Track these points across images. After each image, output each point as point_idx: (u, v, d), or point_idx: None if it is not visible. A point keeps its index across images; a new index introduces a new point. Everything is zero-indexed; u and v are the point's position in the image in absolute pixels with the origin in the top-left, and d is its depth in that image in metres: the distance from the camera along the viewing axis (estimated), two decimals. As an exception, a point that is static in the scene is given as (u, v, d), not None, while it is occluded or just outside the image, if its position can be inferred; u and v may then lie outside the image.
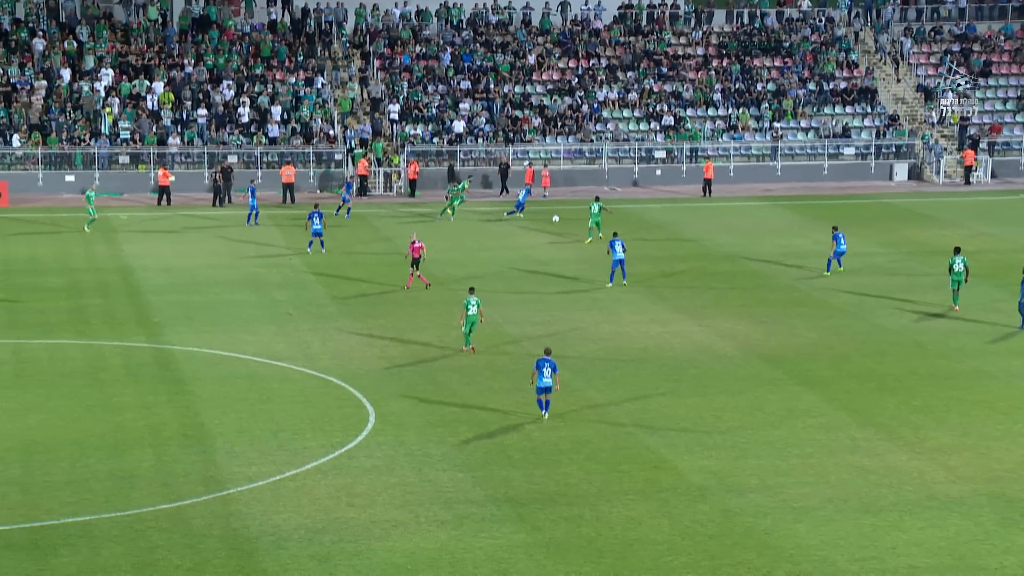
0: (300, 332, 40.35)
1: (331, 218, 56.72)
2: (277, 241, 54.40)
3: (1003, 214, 60.22)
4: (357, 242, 54.42)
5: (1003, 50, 77.39)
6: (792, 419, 32.35)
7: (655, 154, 69.78)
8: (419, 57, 73.88)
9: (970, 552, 24.85)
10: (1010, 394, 34.18)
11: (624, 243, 46.32)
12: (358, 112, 70.76)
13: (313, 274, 48.23)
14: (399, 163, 67.22)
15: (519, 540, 25.48)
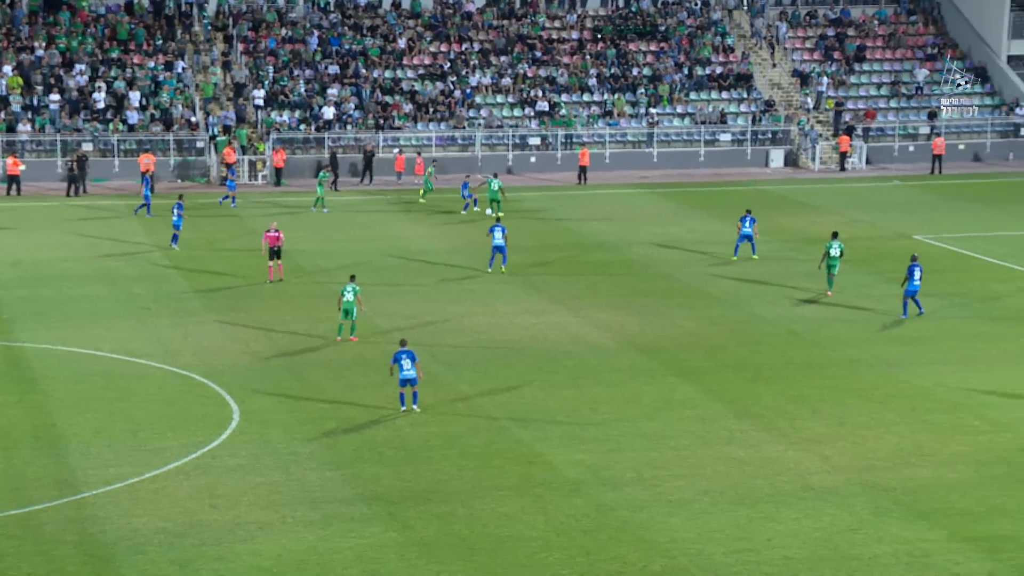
0: (159, 327, 39.79)
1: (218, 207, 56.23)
2: (136, 233, 53.53)
3: (877, 200, 61.55)
4: (221, 233, 53.77)
5: (877, 35, 79.04)
6: (668, 411, 32.73)
7: (529, 141, 70.03)
8: (285, 41, 73.18)
9: (844, 542, 25.39)
10: (884, 382, 34.96)
11: (506, 229, 46.55)
12: (221, 98, 69.89)
13: (174, 267, 47.57)
14: (264, 151, 66.54)
15: (389, 539, 25.44)
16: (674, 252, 50.51)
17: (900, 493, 27.67)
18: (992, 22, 77.58)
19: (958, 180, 67.50)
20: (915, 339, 38.87)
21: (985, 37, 77.77)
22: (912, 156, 72.22)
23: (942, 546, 25.24)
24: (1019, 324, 40.44)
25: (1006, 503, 27.18)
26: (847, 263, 44.84)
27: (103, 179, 64.42)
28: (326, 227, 54.83)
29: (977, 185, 66.17)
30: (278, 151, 65.35)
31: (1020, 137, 74.25)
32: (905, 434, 31.14)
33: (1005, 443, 30.61)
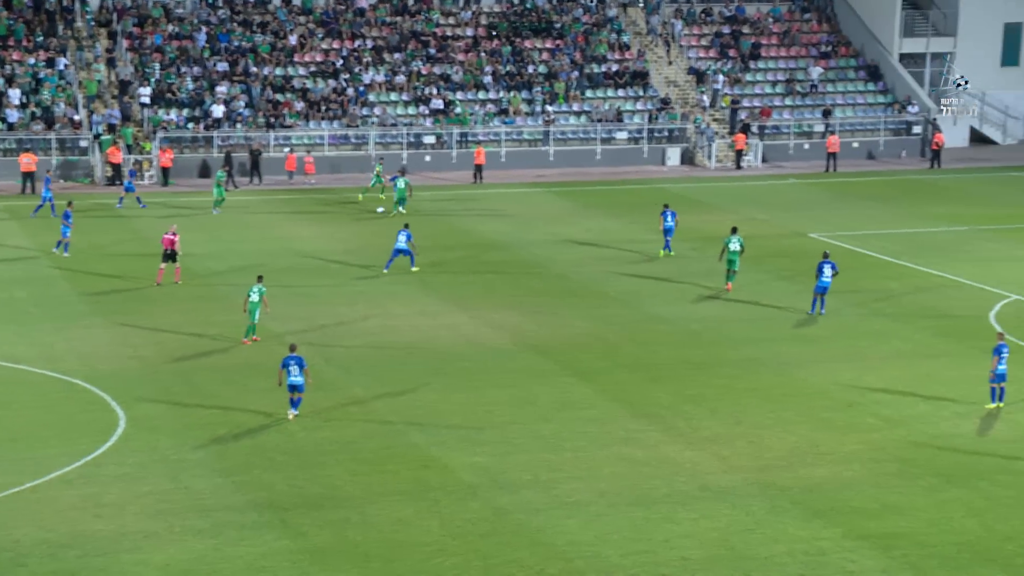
0: (42, 332, 39.14)
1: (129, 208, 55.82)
2: (16, 235, 52.59)
3: (773, 198, 62.36)
4: (106, 236, 53.01)
5: (772, 32, 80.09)
6: (564, 412, 32.87)
7: (424, 139, 69.94)
8: (171, 37, 72.35)
9: (741, 542, 25.68)
10: (781, 381, 35.42)
11: (411, 234, 46.43)
12: (105, 96, 68.91)
13: (59, 270, 46.82)
14: (151, 150, 65.72)
15: (282, 547, 25.27)
16: (570, 251, 50.73)
17: (796, 492, 28.06)
18: (884, 20, 79.00)
19: (852, 178, 68.62)
20: (811, 338, 39.44)
21: (877, 35, 79.18)
22: (807, 154, 73.29)
23: (837, 544, 25.64)
24: (912, 322, 41.21)
25: (899, 500, 27.68)
26: (745, 261, 45.31)
27: None
28: (216, 228, 54.31)
29: (871, 183, 67.31)
30: (165, 150, 64.56)
31: (913, 135, 75.67)
32: (801, 433, 31.59)
33: (898, 440, 31.18)
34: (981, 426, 32.26)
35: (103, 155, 64.64)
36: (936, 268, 47.65)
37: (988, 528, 26.39)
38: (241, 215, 57.30)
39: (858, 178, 68.59)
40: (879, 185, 66.61)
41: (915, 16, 79.53)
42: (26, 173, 61.43)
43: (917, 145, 75.36)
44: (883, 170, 71.41)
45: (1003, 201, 62.35)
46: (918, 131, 75.60)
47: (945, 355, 37.88)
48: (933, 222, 57.10)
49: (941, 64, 79.78)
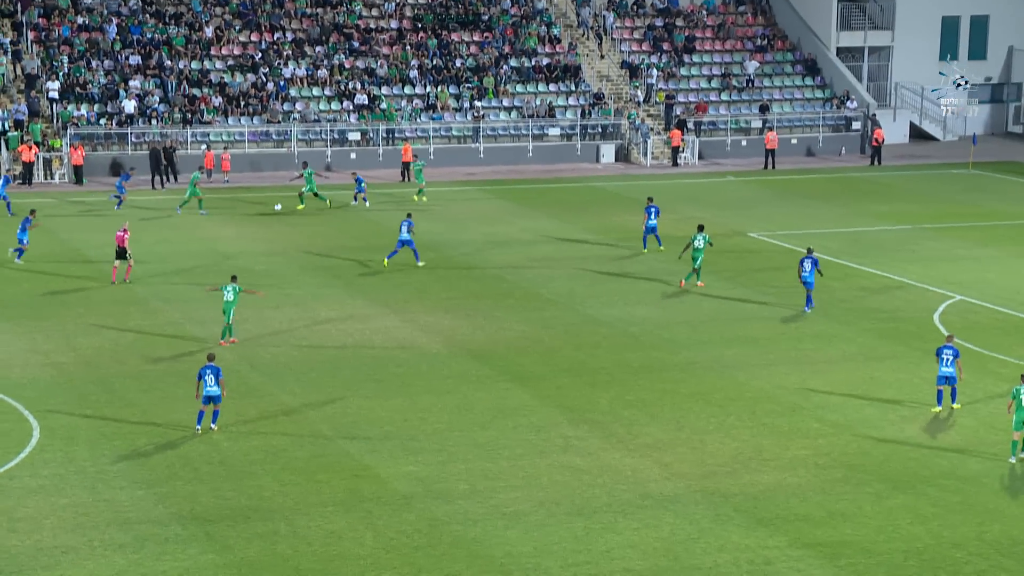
0: (-50, 339, 38.64)
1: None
2: (-80, 236, 51.89)
3: (711, 197, 62.82)
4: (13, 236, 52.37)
5: (706, 25, 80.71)
6: (502, 418, 32.94)
7: (349, 136, 69.79)
8: (80, 29, 71.68)
9: (684, 551, 25.87)
10: (723, 385, 35.70)
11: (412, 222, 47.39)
12: (11, 90, 68.12)
13: (-36, 273, 46.27)
14: (61, 147, 65.06)
15: (208, 561, 25.14)
16: (505, 252, 50.83)
17: (741, 499, 28.29)
18: (821, 13, 79.89)
19: (792, 175, 69.31)
20: (753, 340, 39.77)
21: (814, 28, 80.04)
22: (745, 151, 73.96)
23: (783, 553, 25.88)
24: (857, 323, 41.68)
25: (846, 507, 27.99)
26: (684, 261, 45.56)
27: None
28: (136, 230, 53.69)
29: (811, 180, 68.02)
30: (77, 147, 63.95)
31: (852, 131, 76.56)
32: (745, 438, 31.85)
33: (844, 445, 31.52)
34: (927, 430, 32.68)
35: (11, 153, 63.85)
36: (879, 268, 48.23)
37: (936, 535, 26.76)
38: (159, 215, 56.85)
39: (798, 175, 69.29)
40: (819, 183, 67.34)
41: (852, 9, 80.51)
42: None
43: (857, 141, 76.26)
44: (823, 167, 72.20)
45: (945, 199, 63.23)
46: (858, 127, 76.48)
47: (891, 357, 38.34)
48: (875, 221, 57.81)
49: (879, 58, 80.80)
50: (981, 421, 33.25)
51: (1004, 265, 49.72)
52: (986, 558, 25.79)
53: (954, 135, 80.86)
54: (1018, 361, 37.83)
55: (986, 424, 33.00)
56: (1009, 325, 41.73)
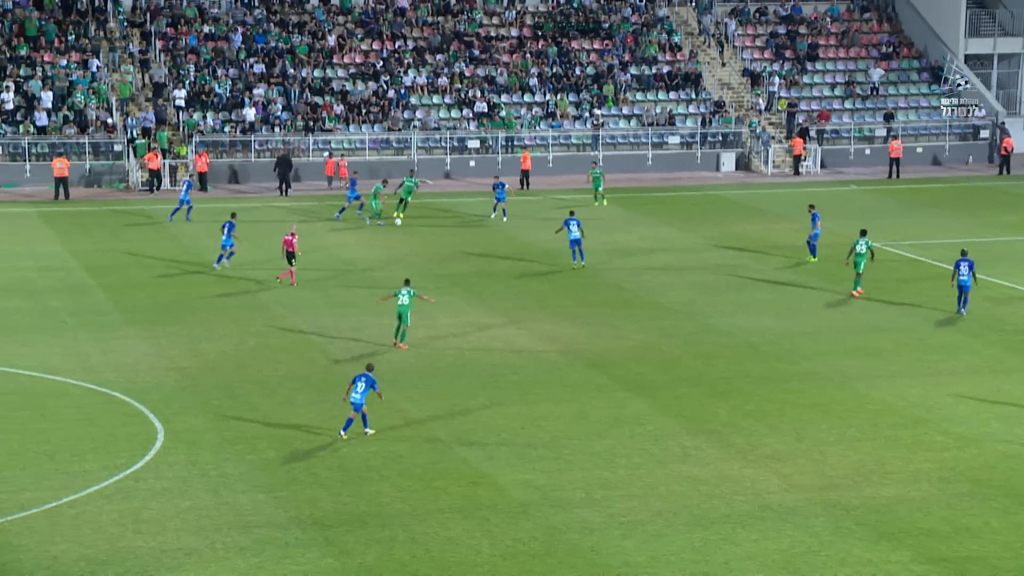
0: (79, 343, 39.49)
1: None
2: (52, 242, 53.11)
3: (834, 206, 62.10)
4: (144, 243, 53.45)
5: (829, 33, 79.95)
6: (619, 427, 32.89)
7: (468, 143, 70.18)
8: (207, 38, 72.93)
9: (804, 564, 25.62)
10: (844, 396, 35.32)
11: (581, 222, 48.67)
12: (139, 98, 69.51)
13: (94, 279, 47.23)
14: (187, 154, 66.23)
15: (327, 566, 25.39)
16: (624, 260, 50.76)
17: (862, 512, 27.96)
18: (949, 20, 78.71)
19: (917, 184, 68.37)
20: (876, 351, 39.30)
21: (941, 35, 78.87)
22: (868, 159, 73.10)
23: (906, 568, 25.53)
24: (983, 335, 41.01)
25: (971, 523, 27.53)
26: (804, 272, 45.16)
27: (13, 184, 63.80)
28: (259, 237, 54.59)
29: (937, 190, 67.04)
30: (201, 155, 65.05)
31: (980, 140, 75.31)
32: (867, 450, 31.48)
33: (969, 459, 31.01)
34: (1056, 445, 32.07)
35: (138, 160, 65.15)
36: (1007, 279, 47.38)
37: (1065, 552, 26.26)
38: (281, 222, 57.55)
39: (923, 185, 68.33)
40: (945, 192, 66.34)
41: (981, 15, 79.22)
42: (59, 178, 62.02)
43: (985, 150, 75.00)
44: (949, 176, 71.10)
45: (1076, 209, 62.00)
46: (986, 136, 75.23)
47: (1018, 370, 37.66)
48: (1003, 231, 56.82)
49: (1010, 66, 79.43)
50: (1112, 436, 32.56)
51: None
52: (1117, 577, 25.25)
53: (1086, 144, 79.16)
54: None
55: (1117, 440, 32.30)
56: None
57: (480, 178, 68.10)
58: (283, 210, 60.24)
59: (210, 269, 48.49)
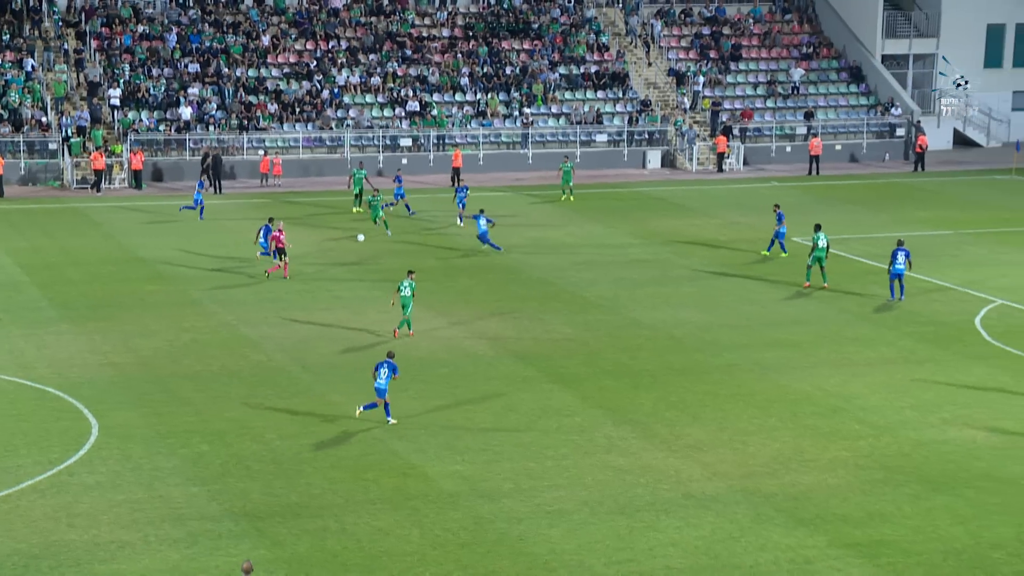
0: (12, 339, 39.05)
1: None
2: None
3: (756, 202, 62.55)
4: (77, 240, 52.91)
5: (752, 34, 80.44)
6: (546, 419, 32.96)
7: (400, 142, 70.02)
8: (141, 37, 72.28)
9: (725, 551, 25.81)
10: (764, 387, 35.59)
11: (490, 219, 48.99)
12: (74, 97, 68.79)
13: (27, 276, 46.71)
14: (122, 153, 65.62)
15: (259, 557, 25.26)
16: (551, 256, 50.84)
17: (781, 499, 28.20)
18: (866, 21, 79.44)
19: (836, 181, 68.96)
20: (794, 343, 39.62)
21: (859, 36, 79.60)
22: (789, 157, 73.65)
23: (823, 552, 25.78)
24: (898, 327, 41.45)
25: (885, 508, 27.85)
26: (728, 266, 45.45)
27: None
28: (190, 234, 54.24)
29: (854, 186, 67.66)
30: (136, 153, 64.48)
31: (896, 137, 76.07)
32: (786, 439, 31.74)
33: (884, 447, 31.35)
34: (966, 433, 32.44)
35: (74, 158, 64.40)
36: (921, 273, 47.88)
37: (974, 536, 26.58)
38: (214, 220, 57.22)
39: (841, 181, 68.94)
40: (863, 188, 66.96)
41: (897, 17, 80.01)
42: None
43: (901, 148, 75.79)
44: (866, 173, 71.78)
45: (987, 204, 62.74)
46: (901, 133, 76.02)
47: (931, 361, 38.11)
48: (917, 226, 57.43)
49: (924, 66, 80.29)
50: (1020, 424, 33.00)
51: (1046, 270, 49.31)
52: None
53: (997, 141, 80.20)
54: (1058, 365, 37.54)
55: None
56: (1050, 329, 41.39)
57: (413, 175, 67.95)
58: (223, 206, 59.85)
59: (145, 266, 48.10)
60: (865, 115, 76.58)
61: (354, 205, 58.56)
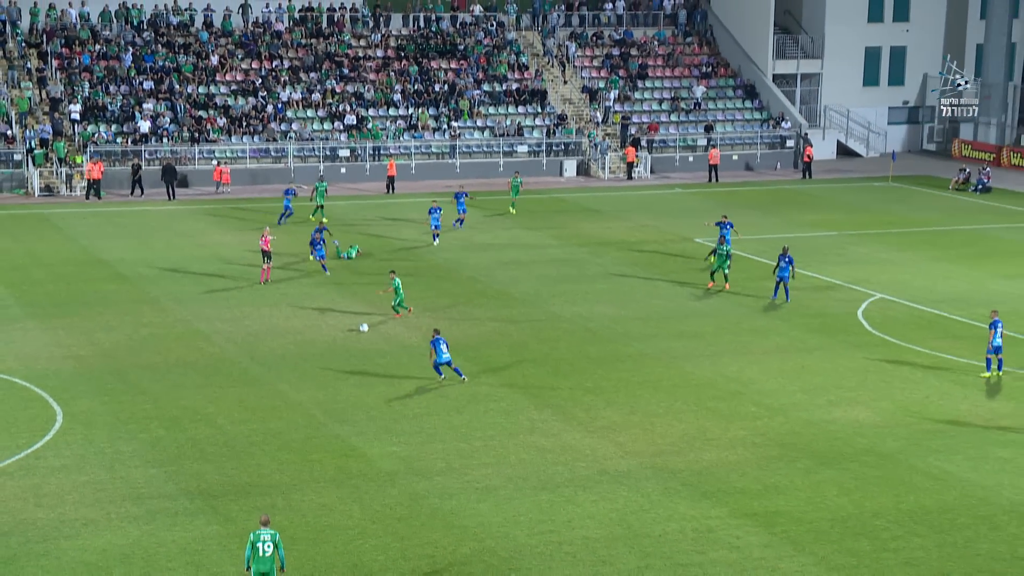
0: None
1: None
2: (-45, 242, 51.64)
3: (661, 206, 62.96)
4: (40, 243, 52.17)
5: (657, 54, 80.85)
6: (475, 404, 32.98)
7: (339, 152, 69.66)
8: (99, 57, 71.35)
9: (637, 521, 25.97)
10: (672, 374, 35.81)
11: None
12: (37, 112, 67.78)
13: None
14: (82, 163, 64.76)
15: (212, 532, 25.12)
16: (479, 256, 50.84)
17: (687, 475, 28.41)
18: (759, 44, 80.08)
19: (733, 187, 69.48)
20: (698, 334, 39.90)
21: (753, 57, 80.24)
22: (691, 166, 74.09)
23: (724, 522, 26.02)
24: (790, 319, 41.85)
25: (779, 481, 28.14)
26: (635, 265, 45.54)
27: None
28: (148, 236, 53.65)
29: (750, 192, 68.21)
30: (96, 163, 63.65)
31: (786, 148, 76.81)
32: (691, 421, 31.97)
33: (778, 427, 31.67)
34: (850, 413, 32.86)
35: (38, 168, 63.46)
36: (810, 270, 48.45)
37: (858, 505, 26.94)
38: (169, 223, 56.68)
39: (738, 187, 69.48)
40: (757, 194, 67.54)
41: (786, 40, 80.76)
42: None
43: (790, 157, 76.53)
44: (760, 180, 72.38)
45: (868, 208, 63.50)
46: (791, 145, 76.76)
47: (819, 349, 38.53)
48: (806, 228, 58.03)
49: (810, 84, 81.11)
50: (897, 404, 33.48)
51: (919, 267, 50.02)
52: (902, 525, 26.00)
53: (876, 152, 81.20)
54: (931, 352, 38.09)
55: (902, 408, 33.23)
56: (923, 320, 41.99)
57: (351, 183, 67.66)
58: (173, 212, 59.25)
59: (105, 266, 47.54)
60: (759, 128, 77.22)
61: (312, 213, 57.48)
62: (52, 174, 63.92)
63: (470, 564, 24.08)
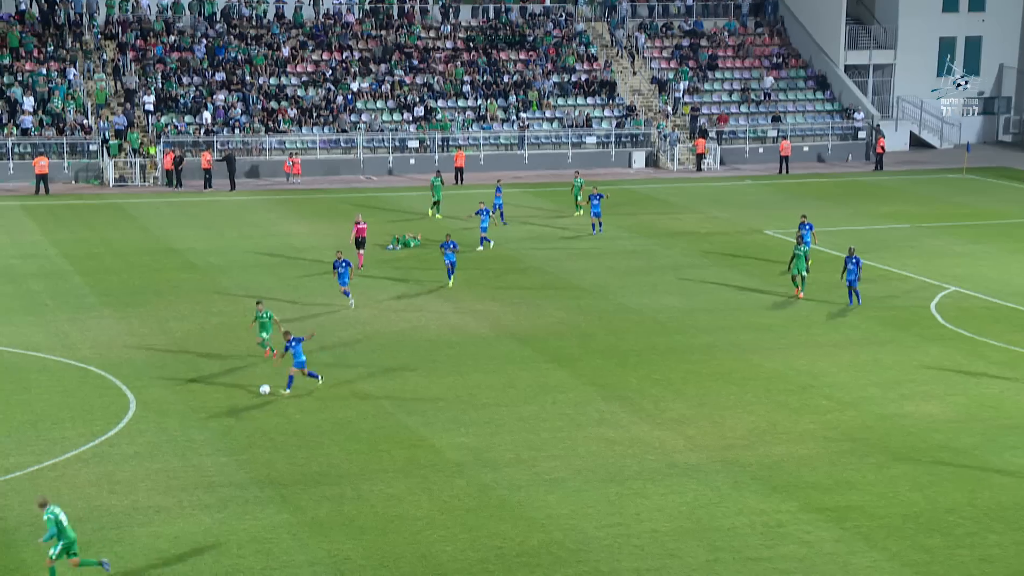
0: (58, 322, 38.94)
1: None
2: (33, 232, 52.32)
3: (731, 198, 62.51)
4: (115, 232, 52.77)
5: (727, 45, 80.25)
6: (543, 395, 32.88)
7: (408, 143, 69.82)
8: (173, 48, 72.01)
9: (706, 515, 25.76)
10: (741, 366, 35.50)
11: None
12: (112, 103, 68.55)
13: (71, 265, 46.57)
14: (156, 153, 65.42)
15: (282, 520, 25.23)
16: (547, 247, 50.71)
17: (756, 469, 28.14)
18: (830, 34, 79.21)
19: (803, 179, 68.82)
20: (767, 327, 39.53)
21: (825, 48, 79.38)
22: (761, 157, 73.49)
23: (794, 516, 25.74)
24: (861, 311, 41.35)
25: (851, 476, 27.80)
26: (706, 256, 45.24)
27: None
28: (221, 226, 54.08)
29: (821, 184, 67.52)
30: (169, 153, 64.27)
31: (858, 140, 75.93)
32: (760, 414, 31.67)
33: (850, 421, 31.30)
34: (924, 407, 32.39)
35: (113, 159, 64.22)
36: (882, 262, 47.86)
37: (931, 501, 26.55)
38: (240, 213, 57.10)
39: (809, 179, 68.79)
40: (828, 186, 66.84)
41: (859, 31, 79.82)
42: (40, 175, 61.06)
43: (862, 149, 75.65)
44: (831, 172, 71.65)
45: (941, 200, 62.64)
46: (863, 136, 75.87)
47: (891, 342, 38.03)
48: (878, 220, 57.35)
49: (883, 75, 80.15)
50: (972, 399, 32.97)
51: (995, 260, 49.23)
52: (977, 521, 25.59)
53: (950, 143, 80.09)
54: (1006, 346, 37.47)
55: (976, 403, 32.71)
56: (999, 313, 41.31)
57: (419, 174, 67.80)
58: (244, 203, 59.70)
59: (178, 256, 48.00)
60: (830, 119, 76.41)
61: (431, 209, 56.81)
62: (126, 164, 64.61)
63: (538, 556, 24.00)
